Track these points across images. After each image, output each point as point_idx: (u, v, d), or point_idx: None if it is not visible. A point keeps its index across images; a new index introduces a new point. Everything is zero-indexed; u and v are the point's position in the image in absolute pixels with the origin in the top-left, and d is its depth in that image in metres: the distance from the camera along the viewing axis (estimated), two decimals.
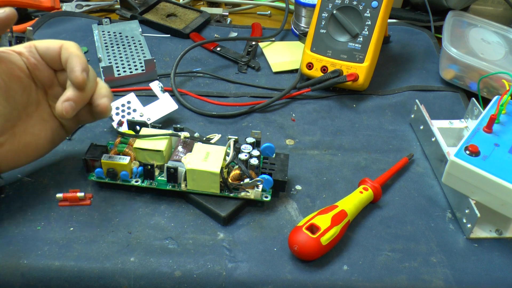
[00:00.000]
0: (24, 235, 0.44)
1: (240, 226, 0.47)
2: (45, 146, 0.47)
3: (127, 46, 0.70)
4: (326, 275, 0.43)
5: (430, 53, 0.75)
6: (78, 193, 0.47)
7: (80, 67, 0.43)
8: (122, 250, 0.43)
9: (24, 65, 0.44)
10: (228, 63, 0.71)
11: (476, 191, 0.45)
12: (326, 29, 0.65)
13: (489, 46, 0.69)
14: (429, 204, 0.51)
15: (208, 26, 0.79)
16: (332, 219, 0.44)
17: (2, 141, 0.42)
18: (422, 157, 0.56)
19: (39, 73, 0.45)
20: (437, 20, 0.81)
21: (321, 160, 0.55)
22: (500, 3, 0.88)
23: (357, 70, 0.63)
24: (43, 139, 0.46)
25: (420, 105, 0.58)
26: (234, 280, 0.42)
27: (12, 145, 0.43)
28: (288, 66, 0.70)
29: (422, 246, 0.46)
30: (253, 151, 0.49)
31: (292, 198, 0.50)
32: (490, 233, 0.47)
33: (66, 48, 0.44)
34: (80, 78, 0.43)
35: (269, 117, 0.61)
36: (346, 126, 0.60)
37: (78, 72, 0.43)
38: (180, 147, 0.49)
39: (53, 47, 0.45)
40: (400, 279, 0.43)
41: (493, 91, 0.63)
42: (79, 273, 0.41)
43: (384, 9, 0.62)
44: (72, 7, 0.80)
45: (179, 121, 0.59)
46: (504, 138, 0.48)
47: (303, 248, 0.42)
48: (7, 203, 0.46)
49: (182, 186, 0.47)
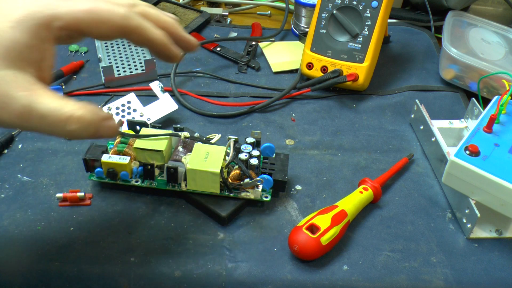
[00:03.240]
0: (24, 235, 0.44)
1: (240, 226, 0.47)
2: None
3: (127, 46, 0.70)
4: (326, 275, 0.43)
5: (430, 53, 0.75)
6: (78, 193, 0.47)
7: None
8: (122, 250, 0.43)
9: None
10: (228, 63, 0.71)
11: (476, 191, 0.45)
12: (326, 29, 0.65)
13: (489, 46, 0.69)
14: (429, 204, 0.51)
15: (208, 26, 0.79)
16: (332, 219, 0.44)
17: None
18: (422, 157, 0.56)
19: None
20: (437, 20, 0.81)
21: (321, 160, 0.55)
22: (500, 3, 0.88)
23: (357, 70, 0.63)
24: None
25: (420, 105, 0.58)
26: (234, 280, 0.42)
27: None
28: (288, 66, 0.70)
29: (422, 246, 0.46)
30: (253, 151, 0.49)
31: (292, 198, 0.50)
32: (490, 233, 0.47)
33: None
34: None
35: (269, 117, 0.61)
36: (346, 126, 0.60)
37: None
38: (180, 147, 0.49)
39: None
40: (400, 279, 0.43)
41: (493, 91, 0.63)
42: (79, 273, 0.41)
43: (384, 9, 0.62)
44: None
45: (179, 121, 0.59)
46: (504, 138, 0.48)
47: (303, 248, 0.42)
48: (7, 203, 0.46)
49: (182, 186, 0.47)
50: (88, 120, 0.32)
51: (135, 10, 0.36)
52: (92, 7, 0.33)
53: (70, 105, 0.32)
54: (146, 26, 0.35)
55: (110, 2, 0.34)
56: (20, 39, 0.31)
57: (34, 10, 0.31)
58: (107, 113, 0.34)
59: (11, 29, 0.31)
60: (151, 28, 0.36)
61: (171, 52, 0.38)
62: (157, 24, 0.37)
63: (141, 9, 0.36)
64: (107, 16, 0.33)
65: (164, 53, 0.37)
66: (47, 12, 0.32)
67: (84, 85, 0.63)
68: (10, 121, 0.30)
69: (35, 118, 0.31)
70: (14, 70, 0.30)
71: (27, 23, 0.31)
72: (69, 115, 0.31)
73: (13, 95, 0.30)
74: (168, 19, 0.38)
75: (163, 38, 0.37)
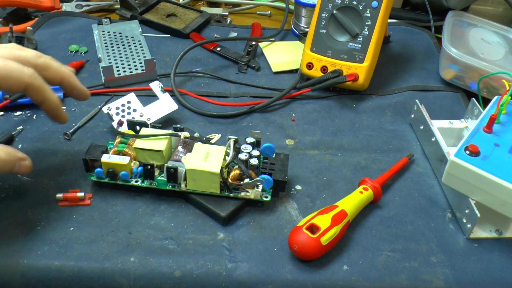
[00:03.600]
0: (24, 235, 0.44)
1: (240, 226, 0.47)
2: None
3: (127, 46, 0.70)
4: (326, 275, 0.43)
5: (430, 53, 0.75)
6: (78, 193, 0.47)
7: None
8: (122, 250, 0.43)
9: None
10: (228, 63, 0.71)
11: (476, 191, 0.45)
12: (326, 29, 0.65)
13: (489, 46, 0.69)
14: (429, 204, 0.51)
15: (208, 26, 0.79)
16: (332, 219, 0.44)
17: None
18: (422, 157, 0.56)
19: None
20: (437, 20, 0.81)
21: (321, 160, 0.55)
22: (500, 3, 0.88)
23: (357, 70, 0.63)
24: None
25: (420, 105, 0.58)
26: (234, 280, 0.42)
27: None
28: (288, 66, 0.70)
29: (422, 246, 0.46)
30: (253, 151, 0.49)
31: (292, 198, 0.50)
32: (490, 233, 0.47)
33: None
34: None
35: (269, 117, 0.61)
36: (346, 126, 0.60)
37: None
38: (180, 147, 0.49)
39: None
40: (400, 279, 0.43)
41: (493, 91, 0.63)
42: (79, 273, 0.41)
43: (384, 9, 0.62)
44: (72, 7, 0.80)
45: (179, 121, 0.59)
46: (504, 138, 0.48)
47: (303, 248, 0.42)
48: (7, 203, 0.46)
49: (182, 186, 0.47)
50: (5, 160, 0.42)
51: (39, 61, 0.43)
52: (3, 65, 0.40)
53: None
54: (46, 88, 0.43)
55: (22, 60, 0.42)
56: None
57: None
58: (22, 154, 0.44)
59: None
60: (49, 91, 0.43)
61: (60, 114, 0.45)
62: (56, 75, 0.45)
63: (44, 61, 0.44)
64: (14, 74, 0.41)
65: (54, 114, 0.45)
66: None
67: (84, 85, 0.61)
68: None
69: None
70: None
71: None
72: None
73: None
74: (66, 71, 0.46)
75: (57, 102, 0.44)
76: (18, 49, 0.43)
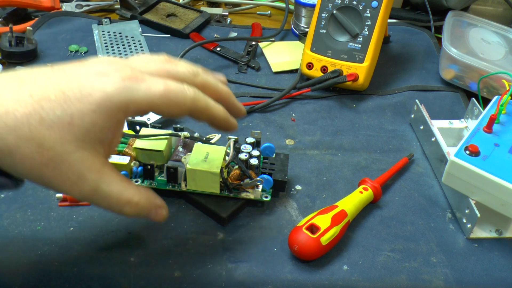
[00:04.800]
0: (24, 235, 0.44)
1: (240, 226, 0.47)
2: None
3: (127, 46, 0.70)
4: (326, 275, 0.43)
5: (430, 53, 0.75)
6: None
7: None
8: (122, 250, 0.43)
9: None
10: (228, 63, 0.71)
11: (476, 191, 0.45)
12: (326, 29, 0.65)
13: (489, 46, 0.69)
14: (429, 204, 0.51)
15: (208, 26, 0.79)
16: (332, 219, 0.44)
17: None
18: (422, 157, 0.56)
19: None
20: (437, 20, 0.81)
21: (321, 160, 0.55)
22: (500, 3, 0.88)
23: (357, 70, 0.63)
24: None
25: (420, 105, 0.58)
26: (234, 280, 0.42)
27: None
28: (288, 66, 0.70)
29: (422, 246, 0.46)
30: (253, 151, 0.49)
31: (292, 198, 0.50)
32: (490, 233, 0.47)
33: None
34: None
35: (269, 117, 0.61)
36: (346, 126, 0.60)
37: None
38: (180, 147, 0.49)
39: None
40: (400, 279, 0.43)
41: (493, 91, 0.63)
42: (79, 273, 0.41)
43: (384, 9, 0.62)
44: (72, 7, 0.80)
45: (179, 121, 0.59)
46: (504, 138, 0.48)
47: (303, 248, 0.42)
48: (7, 203, 0.46)
49: (182, 186, 0.47)
50: (143, 206, 0.36)
51: (197, 81, 0.37)
52: (165, 90, 0.34)
53: (131, 190, 0.35)
54: (211, 105, 0.37)
55: (179, 78, 0.36)
56: (99, 122, 0.32)
57: (112, 94, 0.32)
58: (161, 201, 0.38)
59: (92, 112, 0.31)
60: (215, 106, 0.37)
61: (230, 125, 0.40)
62: (215, 94, 0.38)
63: (202, 79, 0.38)
64: (178, 100, 0.34)
65: (223, 126, 0.39)
66: (124, 96, 0.32)
67: None
68: (79, 196, 0.33)
69: (99, 197, 0.34)
70: (89, 151, 0.32)
71: (106, 107, 0.32)
72: (127, 200, 0.35)
73: (85, 177, 0.32)
74: (225, 89, 0.40)
75: (225, 114, 0.39)
76: (171, 63, 0.37)
